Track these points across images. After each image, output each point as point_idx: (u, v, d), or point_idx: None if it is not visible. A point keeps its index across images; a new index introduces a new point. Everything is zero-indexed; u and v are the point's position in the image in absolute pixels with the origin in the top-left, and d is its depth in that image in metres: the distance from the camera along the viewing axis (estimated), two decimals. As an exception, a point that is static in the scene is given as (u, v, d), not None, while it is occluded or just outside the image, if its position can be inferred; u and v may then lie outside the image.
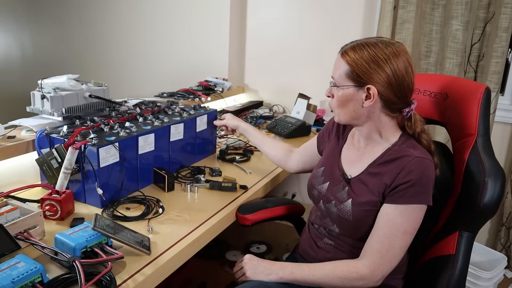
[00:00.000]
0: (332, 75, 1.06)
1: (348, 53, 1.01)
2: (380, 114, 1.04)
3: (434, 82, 1.19)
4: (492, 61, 1.90)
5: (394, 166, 1.01)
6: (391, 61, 0.97)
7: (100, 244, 0.91)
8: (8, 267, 0.78)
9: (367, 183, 1.05)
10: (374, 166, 1.06)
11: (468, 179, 1.05)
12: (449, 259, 1.05)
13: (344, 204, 1.07)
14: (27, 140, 1.26)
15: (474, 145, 1.06)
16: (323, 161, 1.22)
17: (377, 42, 1.00)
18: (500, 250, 2.11)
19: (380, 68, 0.97)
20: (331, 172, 1.16)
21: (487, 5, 1.94)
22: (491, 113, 1.96)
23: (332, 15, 2.28)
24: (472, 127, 1.07)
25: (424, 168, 0.98)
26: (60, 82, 1.36)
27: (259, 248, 2.15)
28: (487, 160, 1.03)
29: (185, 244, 1.02)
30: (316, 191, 1.18)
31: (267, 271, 1.05)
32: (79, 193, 1.20)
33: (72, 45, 3.35)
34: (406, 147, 1.03)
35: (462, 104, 1.11)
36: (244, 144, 1.79)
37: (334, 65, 1.06)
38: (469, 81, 1.19)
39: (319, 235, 1.17)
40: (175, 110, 1.57)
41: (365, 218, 1.04)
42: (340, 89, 1.04)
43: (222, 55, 2.56)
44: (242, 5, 2.54)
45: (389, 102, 1.01)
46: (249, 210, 1.26)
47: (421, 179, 0.97)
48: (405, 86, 1.00)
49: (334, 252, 1.12)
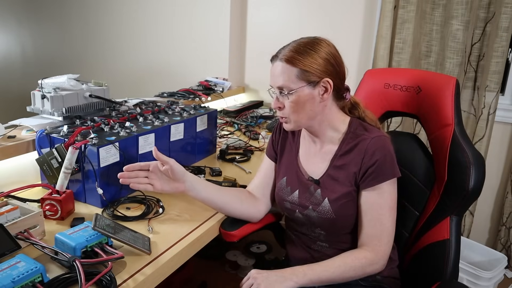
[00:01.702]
0: (276, 85, 1.04)
1: (288, 55, 1.01)
2: (331, 105, 1.07)
3: (404, 76, 1.26)
4: (492, 61, 1.90)
5: (356, 153, 1.04)
6: (329, 50, 1.02)
7: (100, 244, 0.91)
8: (8, 267, 0.78)
9: (336, 177, 1.07)
10: (337, 159, 1.08)
11: (454, 167, 1.10)
12: (445, 244, 1.10)
13: (321, 205, 1.07)
14: (27, 140, 1.26)
15: (454, 134, 1.11)
16: (283, 171, 1.19)
17: (307, 39, 1.04)
18: (500, 250, 2.11)
19: (324, 59, 1.01)
20: (296, 179, 1.14)
21: (488, 5, 1.94)
22: (491, 113, 1.96)
23: (332, 15, 2.28)
24: (449, 117, 1.13)
25: (383, 146, 1.03)
26: (60, 82, 1.36)
27: (259, 248, 2.15)
28: (468, 147, 1.10)
29: (185, 244, 1.02)
30: (288, 203, 1.15)
31: (281, 279, 0.99)
32: (79, 193, 1.20)
33: (72, 45, 3.35)
34: (359, 131, 1.07)
35: (436, 96, 1.16)
36: (244, 144, 1.79)
37: (271, 74, 1.05)
38: (439, 74, 1.24)
39: (309, 240, 1.16)
40: (175, 110, 1.57)
41: (346, 211, 1.06)
42: (293, 94, 1.02)
43: (222, 55, 2.56)
44: (242, 5, 2.54)
45: (337, 89, 1.05)
46: (233, 225, 1.17)
47: (385, 156, 1.02)
48: (343, 70, 1.06)
49: (332, 252, 1.11)
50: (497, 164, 2.12)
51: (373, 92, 1.30)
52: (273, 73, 1.05)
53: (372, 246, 1.03)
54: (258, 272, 1.01)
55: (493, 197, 2.18)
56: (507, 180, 2.09)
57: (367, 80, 1.33)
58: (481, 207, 2.18)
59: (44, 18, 3.46)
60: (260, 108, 2.45)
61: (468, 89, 2.06)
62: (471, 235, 2.16)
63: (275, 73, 1.04)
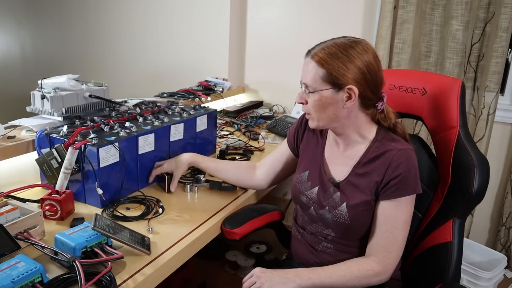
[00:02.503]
0: (303, 81, 1.03)
1: (320, 55, 0.98)
2: (358, 112, 1.04)
3: (409, 78, 1.25)
4: (492, 61, 1.90)
5: (380, 162, 1.02)
6: (363, 58, 0.98)
7: (100, 244, 0.91)
8: (8, 267, 0.78)
9: (357, 184, 1.05)
10: (360, 167, 1.06)
11: (459, 169, 1.10)
12: (448, 246, 1.10)
13: (338, 209, 1.06)
14: (27, 140, 1.26)
15: (458, 137, 1.12)
16: (305, 164, 1.17)
17: (345, 41, 1.00)
18: (500, 250, 2.11)
19: (356, 66, 0.97)
20: (318, 176, 1.13)
21: (487, 5, 1.94)
22: (491, 114, 1.96)
23: (332, 15, 2.28)
24: (454, 120, 1.13)
25: (409, 159, 1.01)
26: (60, 82, 1.36)
27: (259, 248, 2.15)
28: (472, 150, 1.09)
29: (185, 244, 1.02)
30: (304, 197, 1.15)
31: (284, 280, 0.99)
32: (79, 193, 1.20)
33: (72, 45, 3.35)
34: (386, 141, 1.04)
35: (442, 98, 1.16)
36: (244, 144, 1.79)
37: (302, 69, 1.03)
38: (445, 77, 1.25)
39: (315, 239, 1.15)
40: (175, 110, 1.57)
41: (362, 218, 1.04)
42: (316, 94, 1.00)
43: (222, 55, 2.56)
44: (242, 5, 2.54)
45: (366, 99, 1.01)
46: (236, 223, 1.18)
47: (409, 171, 1.00)
48: (378, 81, 1.01)
49: (335, 254, 1.11)
50: (497, 164, 2.12)
51: None
52: (303, 68, 1.03)
53: (380, 258, 1.02)
54: (262, 271, 1.02)
55: (493, 197, 2.18)
56: (507, 180, 2.09)
57: None
58: (481, 207, 2.17)
59: (44, 18, 3.46)
60: (260, 108, 2.45)
61: (467, 89, 2.05)
62: (471, 235, 2.16)
63: (304, 69, 1.02)
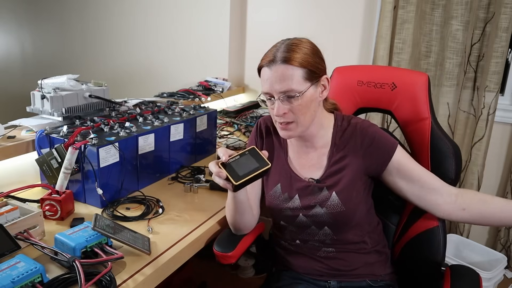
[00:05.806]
0: (280, 90, 0.96)
1: (297, 56, 0.97)
2: (322, 102, 1.08)
3: (377, 74, 1.28)
4: (492, 61, 1.90)
5: (352, 140, 1.06)
6: (316, 48, 1.03)
7: (100, 244, 0.91)
8: (8, 267, 0.78)
9: (338, 170, 1.06)
10: (334, 154, 1.08)
11: (437, 158, 1.15)
12: (436, 230, 1.14)
13: (330, 200, 1.04)
14: (27, 140, 1.26)
15: (432, 127, 1.17)
16: (274, 179, 1.12)
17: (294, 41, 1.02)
18: (500, 250, 2.11)
19: (319, 57, 1.02)
20: (292, 184, 1.09)
21: (487, 5, 1.94)
22: (491, 114, 1.96)
23: (332, 16, 2.27)
24: (425, 111, 1.18)
25: (371, 124, 1.08)
26: (60, 82, 1.36)
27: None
28: (446, 139, 1.15)
29: (185, 244, 1.02)
30: (288, 210, 1.08)
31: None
32: (79, 193, 1.20)
33: (72, 45, 3.35)
34: (345, 122, 1.09)
35: (412, 92, 1.21)
36: (244, 144, 1.79)
37: (276, 80, 0.97)
38: (412, 71, 1.29)
39: (312, 247, 1.10)
40: (175, 110, 1.57)
41: (353, 199, 1.05)
42: (301, 97, 0.97)
43: (222, 55, 2.56)
44: (242, 5, 2.54)
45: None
46: (228, 244, 1.09)
47: (379, 130, 1.07)
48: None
49: (340, 255, 1.09)
50: (497, 164, 2.12)
51: (344, 89, 1.30)
52: (272, 78, 0.97)
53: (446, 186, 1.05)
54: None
55: (493, 197, 2.18)
56: (506, 180, 2.09)
57: (336, 78, 1.32)
58: (481, 207, 2.17)
59: (44, 18, 3.46)
60: (260, 109, 2.45)
61: (467, 89, 2.06)
62: (470, 235, 2.16)
63: (277, 78, 0.96)
